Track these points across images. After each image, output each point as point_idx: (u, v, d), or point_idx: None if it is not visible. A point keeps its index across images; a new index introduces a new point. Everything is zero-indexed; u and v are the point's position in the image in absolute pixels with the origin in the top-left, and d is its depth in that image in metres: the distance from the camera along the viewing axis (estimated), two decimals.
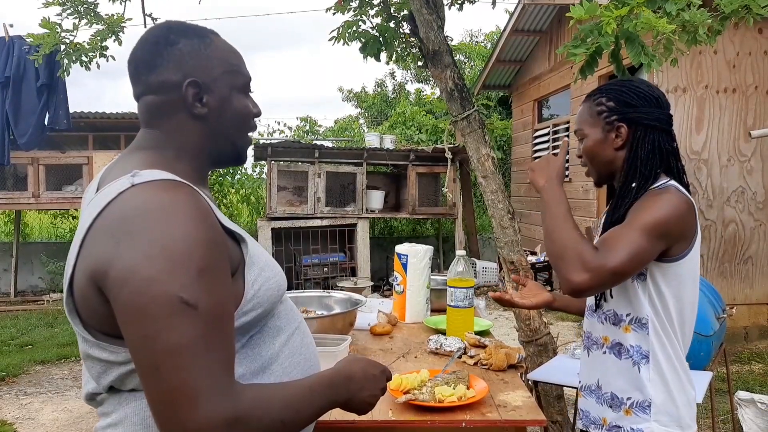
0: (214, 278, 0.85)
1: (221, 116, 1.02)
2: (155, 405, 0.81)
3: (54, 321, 6.55)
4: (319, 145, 7.60)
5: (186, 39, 1.00)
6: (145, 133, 1.02)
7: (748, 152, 5.43)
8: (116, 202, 0.87)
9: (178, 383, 0.79)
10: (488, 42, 15.23)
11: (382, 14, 3.31)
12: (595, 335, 1.51)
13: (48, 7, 3.35)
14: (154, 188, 0.88)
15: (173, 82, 0.98)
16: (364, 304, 2.29)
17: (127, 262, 0.82)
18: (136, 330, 0.81)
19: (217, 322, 0.84)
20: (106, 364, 0.91)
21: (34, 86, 6.21)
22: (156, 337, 0.80)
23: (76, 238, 0.91)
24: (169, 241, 0.82)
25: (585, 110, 1.51)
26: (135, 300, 0.81)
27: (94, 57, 3.50)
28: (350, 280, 5.57)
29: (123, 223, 0.84)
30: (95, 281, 0.85)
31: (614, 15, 1.88)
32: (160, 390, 0.80)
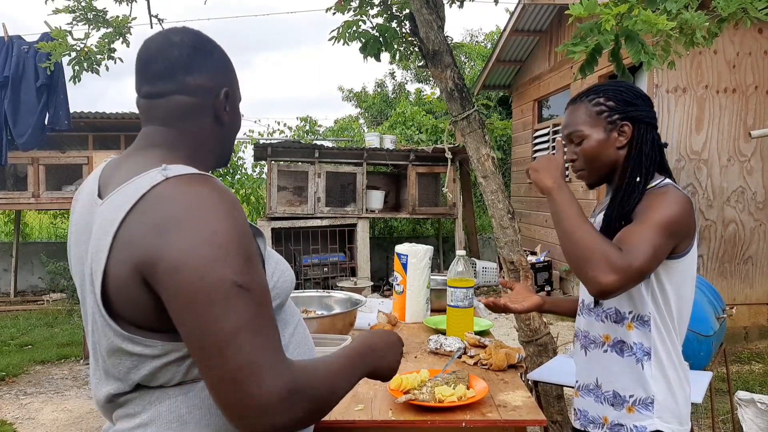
0: (258, 264, 0.91)
1: (233, 123, 1.12)
2: (220, 386, 0.84)
3: (54, 321, 6.56)
4: (319, 145, 7.60)
5: (219, 51, 1.09)
6: (159, 132, 1.04)
7: (748, 152, 5.43)
8: (152, 194, 0.89)
9: (242, 362, 0.83)
10: (488, 42, 15.23)
11: (382, 14, 3.31)
12: (594, 334, 1.51)
13: (57, 14, 3.37)
14: (191, 181, 0.91)
15: (209, 87, 1.05)
16: (364, 304, 2.29)
17: (178, 252, 0.84)
18: (195, 315, 0.84)
19: (265, 304, 0.89)
20: (138, 359, 0.92)
21: (33, 86, 6.20)
22: (217, 320, 0.83)
23: (101, 234, 0.91)
24: (217, 229, 0.86)
25: (580, 112, 1.48)
26: (191, 286, 0.84)
27: (102, 60, 3.52)
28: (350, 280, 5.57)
29: (168, 214, 0.87)
30: (141, 272, 0.87)
31: (613, 12, 1.88)
32: (225, 370, 0.83)
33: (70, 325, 6.34)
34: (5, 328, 6.18)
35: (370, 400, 1.57)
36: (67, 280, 7.39)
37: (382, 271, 8.53)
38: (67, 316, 6.74)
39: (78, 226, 1.02)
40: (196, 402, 0.94)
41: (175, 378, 0.93)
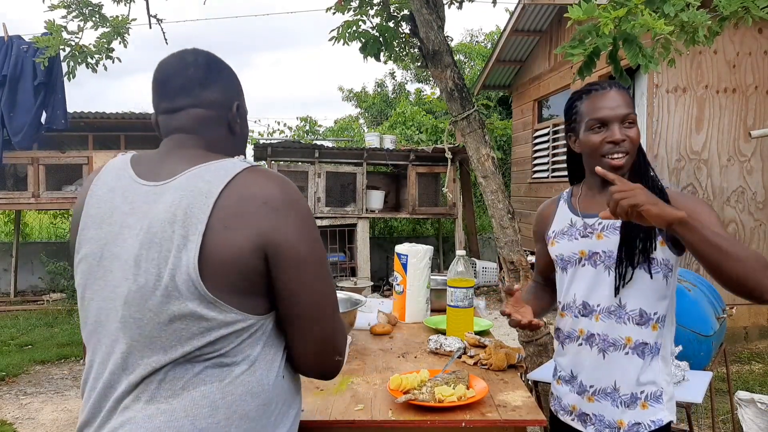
0: None
1: (243, 134, 1.23)
2: (316, 345, 1.08)
3: (54, 321, 6.56)
4: (319, 145, 7.61)
5: (228, 68, 1.20)
6: (190, 137, 1.13)
7: (748, 152, 5.43)
8: (245, 176, 1.02)
9: (339, 326, 1.11)
10: (488, 42, 15.23)
11: (382, 14, 3.31)
12: (614, 336, 1.48)
13: (53, 9, 3.36)
14: (271, 172, 1.08)
15: (223, 101, 1.16)
16: (364, 304, 2.29)
17: (295, 227, 1.03)
18: (313, 279, 1.04)
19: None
20: (208, 324, 0.98)
21: (31, 85, 6.20)
22: (328, 285, 1.07)
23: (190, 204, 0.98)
24: (309, 211, 1.08)
25: (626, 97, 1.49)
26: (309, 255, 1.03)
27: (100, 59, 3.52)
28: (350, 280, 5.57)
29: (275, 195, 1.02)
30: (263, 248, 0.99)
31: (612, 16, 1.88)
32: (326, 332, 1.08)
33: (70, 325, 6.34)
34: (5, 328, 6.18)
35: (370, 400, 1.57)
36: (67, 280, 7.39)
37: (382, 271, 8.53)
38: (67, 316, 6.74)
39: (103, 208, 1.06)
40: (230, 389, 1.00)
41: (224, 349, 1.00)
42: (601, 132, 1.47)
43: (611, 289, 1.48)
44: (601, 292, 1.49)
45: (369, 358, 1.95)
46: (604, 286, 1.49)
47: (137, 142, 7.02)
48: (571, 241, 1.57)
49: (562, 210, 1.66)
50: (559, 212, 1.67)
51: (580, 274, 1.55)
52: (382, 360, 1.92)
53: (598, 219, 1.51)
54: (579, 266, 1.55)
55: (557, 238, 1.61)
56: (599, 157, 1.48)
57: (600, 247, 1.50)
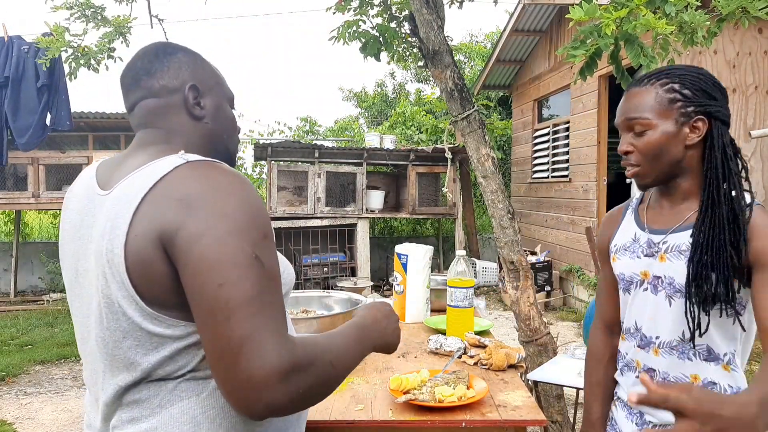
0: (271, 244, 0.93)
1: (216, 120, 1.11)
2: (221, 354, 0.84)
3: (54, 321, 6.56)
4: (319, 145, 7.60)
5: (183, 52, 1.10)
6: (148, 132, 1.07)
7: (748, 152, 5.43)
8: (174, 174, 0.92)
9: (248, 332, 0.83)
10: (488, 42, 15.23)
11: (382, 14, 3.31)
12: (676, 374, 1.28)
13: (56, 11, 3.37)
14: (211, 165, 0.95)
15: (174, 86, 1.07)
16: (364, 304, 2.29)
17: (202, 222, 0.87)
18: (211, 279, 0.85)
19: (276, 280, 0.91)
20: (160, 339, 0.92)
21: (33, 86, 6.20)
22: (231, 285, 0.85)
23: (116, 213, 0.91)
24: (239, 205, 0.90)
25: (649, 97, 1.24)
26: (212, 250, 0.86)
27: (102, 59, 3.52)
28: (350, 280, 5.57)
29: (192, 190, 0.90)
30: (162, 243, 0.88)
31: (613, 17, 1.89)
32: (230, 338, 0.83)
33: (70, 325, 6.33)
34: (5, 328, 6.18)
35: (370, 400, 1.57)
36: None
37: (382, 271, 8.53)
38: (67, 316, 6.74)
39: (73, 222, 1.02)
40: (210, 402, 0.94)
41: (190, 364, 0.93)
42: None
43: (674, 323, 1.27)
44: (662, 323, 1.29)
45: (369, 358, 1.95)
46: (665, 317, 1.28)
47: None
48: (633, 259, 1.34)
49: (627, 220, 1.41)
50: (625, 222, 1.42)
51: (640, 299, 1.34)
52: (382, 360, 1.93)
53: (664, 237, 1.29)
54: (640, 289, 1.34)
55: (619, 253, 1.39)
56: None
57: (662, 270, 1.28)
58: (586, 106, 6.76)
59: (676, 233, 1.26)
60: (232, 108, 1.18)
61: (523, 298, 2.90)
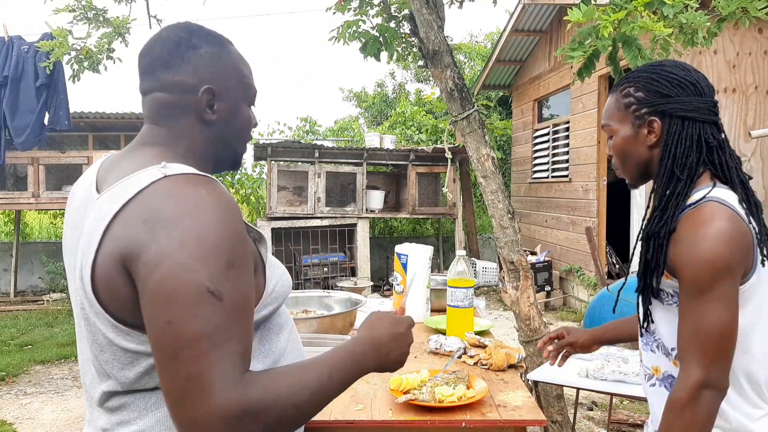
0: (240, 272, 0.87)
1: (228, 125, 1.05)
2: (169, 392, 0.82)
3: (54, 321, 6.56)
4: (319, 145, 7.61)
5: (207, 45, 1.02)
6: (152, 130, 1.03)
7: (748, 152, 5.43)
8: (148, 190, 0.88)
9: (194, 372, 0.80)
10: (488, 42, 15.23)
11: (382, 14, 3.31)
12: (645, 363, 1.32)
13: (58, 13, 3.37)
14: (188, 181, 0.90)
15: (189, 85, 1.00)
16: (364, 304, 2.30)
17: (161, 248, 0.83)
18: (161, 314, 0.82)
19: (238, 314, 0.85)
20: (134, 355, 0.90)
21: (32, 86, 6.20)
22: (179, 323, 0.81)
23: (94, 226, 0.89)
24: (203, 231, 0.84)
25: (612, 103, 1.32)
26: (164, 284, 0.82)
27: (101, 59, 3.52)
28: (350, 280, 5.57)
29: (159, 211, 0.85)
30: (124, 264, 0.85)
31: (611, 19, 1.89)
32: (175, 377, 0.81)
33: (70, 325, 6.33)
34: (5, 328, 6.18)
35: (370, 400, 1.57)
36: (67, 280, 7.39)
37: (382, 271, 8.53)
38: (67, 316, 6.74)
39: (73, 220, 1.01)
40: None
41: None
42: None
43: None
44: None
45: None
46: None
47: None
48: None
49: None
50: None
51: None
52: None
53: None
54: None
55: None
56: None
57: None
58: (586, 106, 6.76)
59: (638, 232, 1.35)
60: (251, 105, 1.11)
61: (523, 298, 2.90)
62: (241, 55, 1.08)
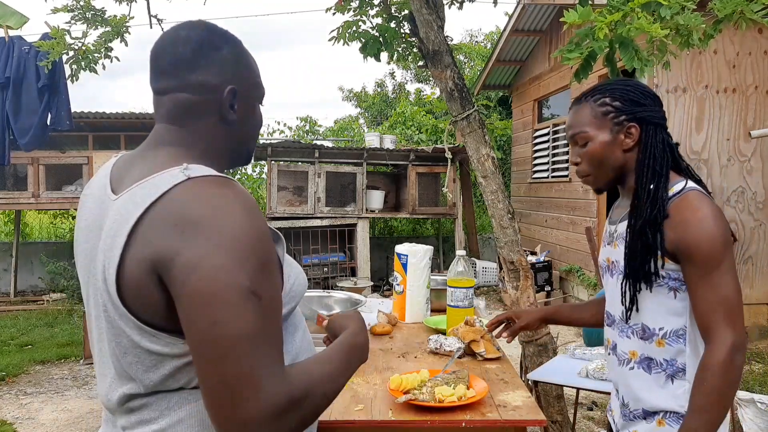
0: (272, 271, 0.90)
1: (245, 124, 1.07)
2: (216, 393, 0.83)
3: (54, 321, 6.56)
4: (319, 145, 7.61)
5: (228, 46, 1.04)
6: (169, 130, 1.02)
7: (748, 152, 5.43)
8: (173, 193, 0.88)
9: (242, 370, 0.82)
10: (488, 42, 15.24)
11: (382, 14, 3.31)
12: (620, 350, 1.43)
13: (56, 13, 3.37)
14: (212, 182, 0.91)
15: (213, 86, 1.01)
16: (364, 304, 2.30)
17: (197, 251, 0.83)
18: (205, 316, 0.82)
19: (274, 312, 0.89)
20: (158, 358, 0.90)
21: (34, 87, 6.20)
22: (224, 324, 0.82)
23: (117, 229, 0.89)
24: (237, 233, 0.86)
25: (586, 112, 1.41)
26: (205, 286, 0.82)
27: (99, 58, 3.52)
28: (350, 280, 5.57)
29: (188, 214, 0.86)
30: (156, 270, 0.85)
31: (607, 21, 1.89)
32: (223, 378, 0.82)
33: (70, 325, 6.34)
34: (5, 328, 6.18)
35: (370, 400, 1.57)
36: (67, 280, 7.39)
37: (382, 271, 8.53)
38: (67, 316, 6.74)
39: (88, 221, 1.00)
40: None
41: (194, 380, 0.92)
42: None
43: (619, 302, 1.42)
44: (617, 302, 1.43)
45: (369, 358, 1.95)
46: (615, 297, 1.43)
47: (137, 142, 6.99)
48: (604, 247, 1.53)
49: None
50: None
51: (606, 283, 1.50)
52: (382, 360, 1.93)
53: (615, 226, 1.46)
54: (607, 274, 1.50)
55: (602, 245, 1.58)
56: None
57: (615, 255, 1.44)
58: None
59: (622, 222, 1.43)
60: (261, 103, 1.13)
61: (523, 298, 2.90)
62: (251, 56, 1.10)
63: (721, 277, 1.25)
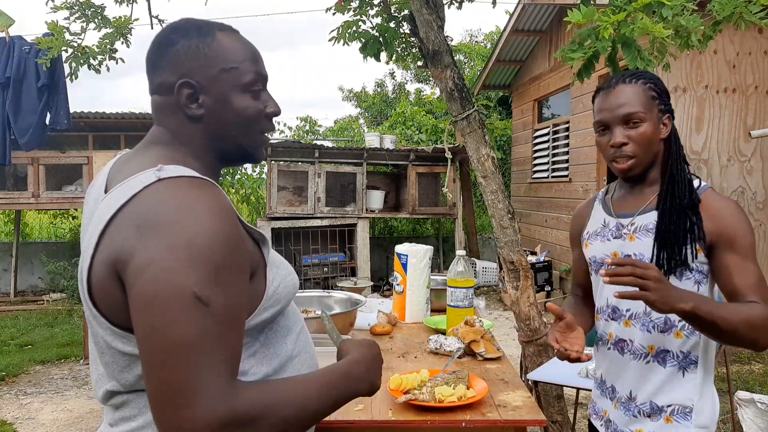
0: (230, 277, 0.86)
1: (219, 117, 1.00)
2: (154, 398, 0.81)
3: (54, 321, 6.56)
4: (319, 145, 7.61)
5: (185, 39, 0.99)
6: (157, 130, 1.03)
7: (748, 152, 5.43)
8: (142, 194, 0.87)
9: (180, 379, 0.79)
10: (488, 42, 15.24)
11: (382, 14, 3.31)
12: (638, 344, 1.41)
13: (56, 11, 3.37)
14: (182, 184, 0.89)
15: (170, 83, 0.99)
16: (364, 304, 2.30)
17: (149, 253, 0.82)
18: (147, 319, 0.81)
19: (226, 321, 0.84)
20: (131, 358, 0.90)
21: (34, 86, 6.20)
22: (165, 329, 0.80)
23: (93, 230, 0.90)
24: (192, 236, 0.83)
25: (639, 92, 1.38)
26: (150, 289, 0.81)
27: (103, 60, 3.52)
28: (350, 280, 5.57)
29: (149, 215, 0.85)
30: (116, 270, 0.85)
31: (611, 20, 1.89)
32: (161, 384, 0.80)
33: (70, 325, 6.34)
34: (5, 328, 6.18)
35: (370, 400, 1.57)
36: (67, 280, 7.39)
37: (382, 271, 8.53)
38: (67, 316, 6.74)
39: (85, 222, 1.01)
40: None
41: None
42: (606, 135, 1.41)
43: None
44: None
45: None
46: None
47: (137, 142, 6.92)
48: (604, 242, 1.48)
49: (596, 210, 1.56)
50: (594, 212, 1.57)
51: None
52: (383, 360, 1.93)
53: (631, 219, 1.43)
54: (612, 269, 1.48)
55: (591, 239, 1.53)
56: (608, 161, 1.43)
57: (632, 249, 1.42)
58: (586, 106, 6.76)
59: (643, 214, 1.42)
60: (253, 90, 1.02)
61: (523, 298, 2.90)
62: (234, 41, 1.02)
63: (755, 263, 1.32)
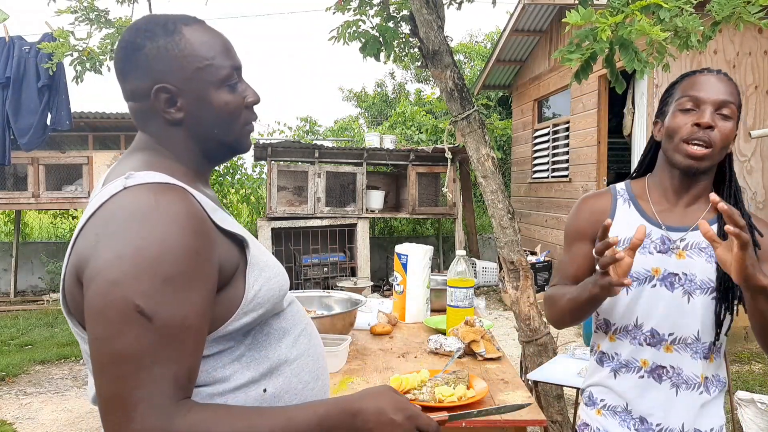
0: (182, 289, 0.82)
1: (200, 117, 0.97)
2: (99, 408, 0.82)
3: (54, 321, 6.56)
4: (319, 145, 7.60)
5: (151, 41, 0.94)
6: (142, 136, 1.01)
7: (748, 152, 5.43)
8: (108, 203, 0.87)
9: (116, 392, 0.78)
10: (488, 42, 15.24)
11: (381, 14, 3.31)
12: (688, 373, 1.30)
13: (60, 15, 3.38)
14: (143, 191, 0.86)
15: (143, 90, 0.95)
16: (364, 304, 2.30)
17: (99, 262, 0.82)
18: (92, 329, 0.81)
19: (173, 335, 0.81)
20: None
21: (34, 86, 6.20)
22: (108, 341, 0.79)
23: (74, 235, 0.92)
24: (142, 245, 0.81)
25: (735, 93, 1.27)
26: (95, 300, 0.81)
27: (104, 60, 3.53)
28: (350, 280, 5.57)
29: (107, 224, 0.84)
30: (77, 278, 0.86)
31: (609, 22, 1.89)
32: (101, 395, 0.80)
33: (69, 325, 6.33)
34: (5, 328, 6.18)
35: None
36: None
37: (382, 271, 8.53)
38: None
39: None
40: None
41: None
42: (690, 114, 1.25)
43: (693, 319, 1.28)
44: (678, 320, 1.29)
45: (369, 358, 1.95)
46: (682, 314, 1.29)
47: None
48: (644, 254, 1.30)
49: (625, 212, 1.37)
50: (621, 213, 1.37)
51: (648, 295, 1.31)
52: (382, 360, 1.93)
53: (683, 234, 1.29)
54: (647, 285, 1.31)
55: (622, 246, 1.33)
56: (679, 142, 1.26)
57: (680, 267, 1.29)
58: (586, 106, 6.76)
59: (697, 231, 1.27)
60: (230, 84, 0.98)
61: (523, 298, 2.90)
62: (201, 35, 0.97)
63: None
